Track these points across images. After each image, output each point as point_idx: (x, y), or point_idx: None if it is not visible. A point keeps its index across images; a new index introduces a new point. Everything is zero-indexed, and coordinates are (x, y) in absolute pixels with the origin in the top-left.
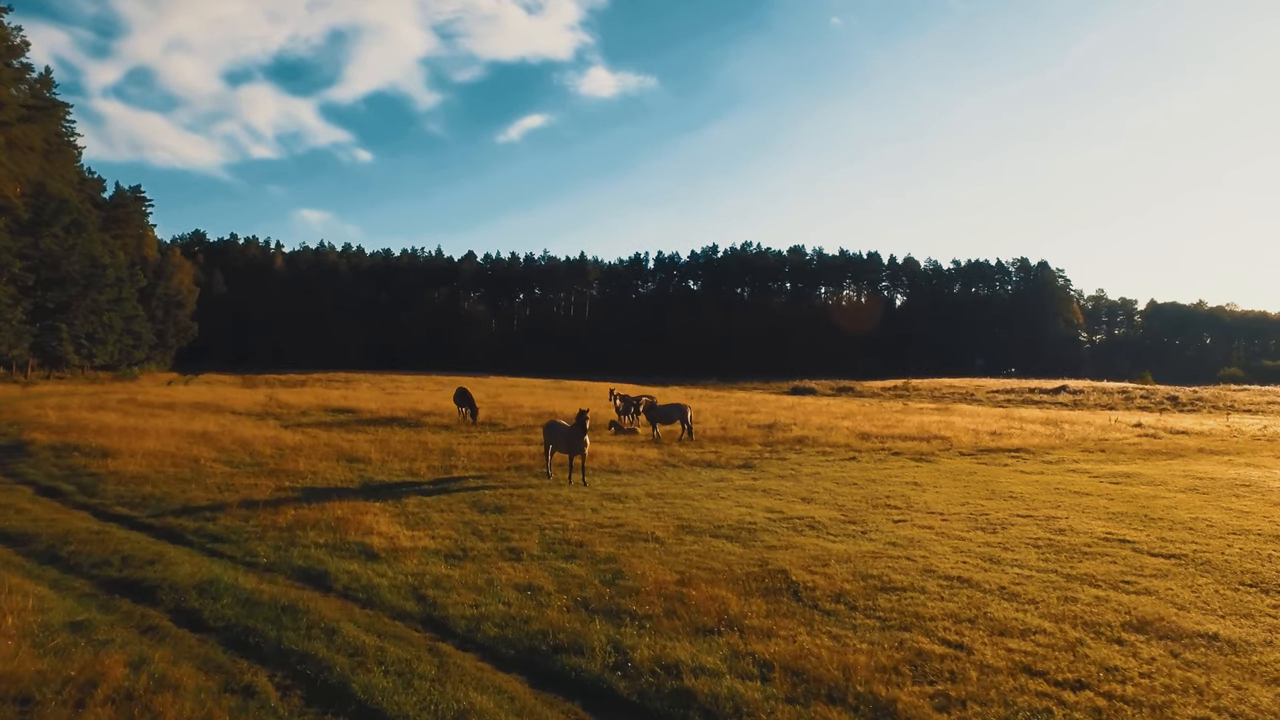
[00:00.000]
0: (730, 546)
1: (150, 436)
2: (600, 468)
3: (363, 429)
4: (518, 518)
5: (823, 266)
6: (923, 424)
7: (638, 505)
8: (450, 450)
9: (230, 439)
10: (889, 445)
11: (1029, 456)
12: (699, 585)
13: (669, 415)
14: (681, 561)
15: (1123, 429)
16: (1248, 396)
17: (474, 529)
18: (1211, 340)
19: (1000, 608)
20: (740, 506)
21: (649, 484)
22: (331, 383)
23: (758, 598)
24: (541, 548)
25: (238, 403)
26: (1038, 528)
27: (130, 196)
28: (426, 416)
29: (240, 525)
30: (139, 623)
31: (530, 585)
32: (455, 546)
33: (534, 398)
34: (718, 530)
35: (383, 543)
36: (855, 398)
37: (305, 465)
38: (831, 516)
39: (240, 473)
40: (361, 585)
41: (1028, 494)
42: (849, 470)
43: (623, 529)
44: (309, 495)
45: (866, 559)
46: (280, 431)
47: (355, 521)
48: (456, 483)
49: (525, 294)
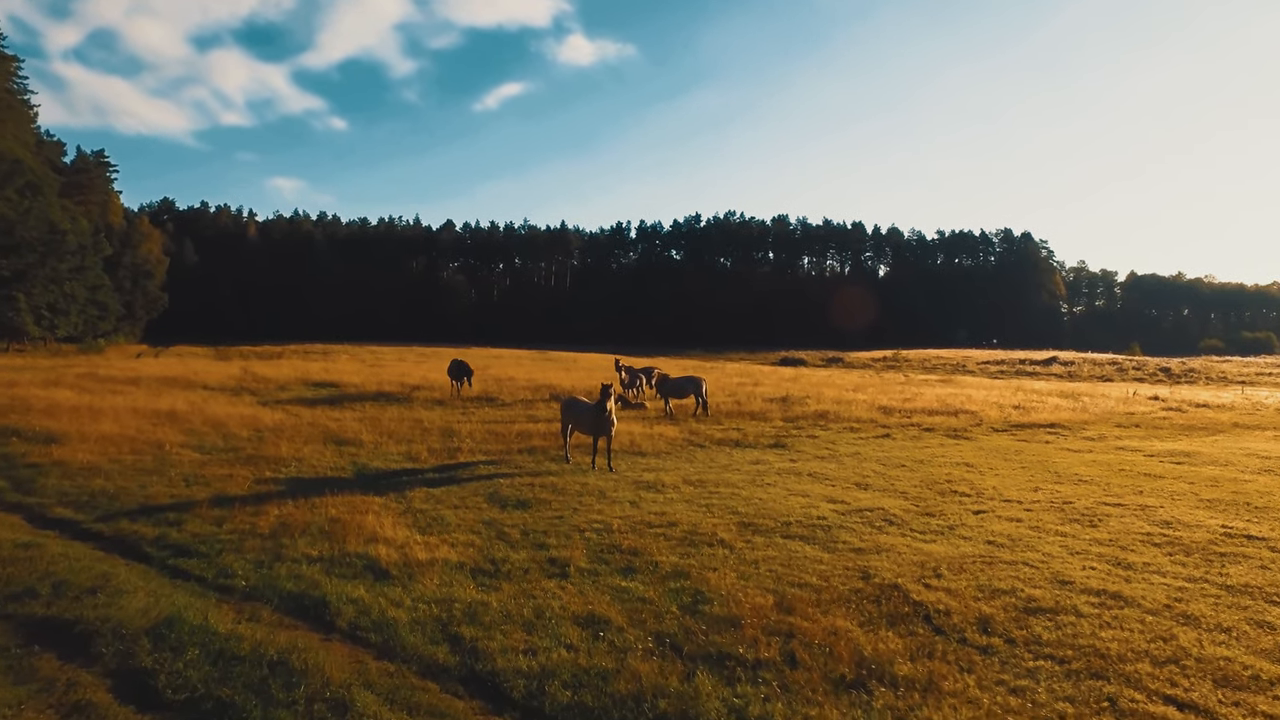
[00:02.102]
0: (811, 551)
1: (107, 417)
2: (621, 449)
3: (349, 405)
4: (548, 515)
5: (807, 236)
6: (940, 397)
7: (680, 496)
8: (450, 430)
9: (201, 419)
10: (915, 420)
11: (1066, 432)
12: (806, 611)
13: (682, 389)
14: (765, 574)
15: (1142, 402)
16: (1235, 368)
17: (499, 532)
18: (1189, 312)
19: (1192, 639)
20: (795, 495)
21: (681, 468)
22: (309, 354)
23: (885, 629)
24: (590, 558)
25: (210, 377)
26: (1138, 520)
27: (93, 161)
28: (416, 391)
29: (212, 531)
30: (62, 699)
31: (593, 617)
32: (482, 558)
33: (523, 369)
34: (786, 528)
35: (392, 554)
36: (846, 369)
37: (288, 450)
38: (903, 507)
39: (212, 461)
40: (373, 621)
41: (1096, 476)
42: (888, 449)
43: (676, 528)
44: (295, 488)
45: (979, 566)
46: (258, 410)
47: (354, 524)
48: (464, 469)
49: (505, 264)
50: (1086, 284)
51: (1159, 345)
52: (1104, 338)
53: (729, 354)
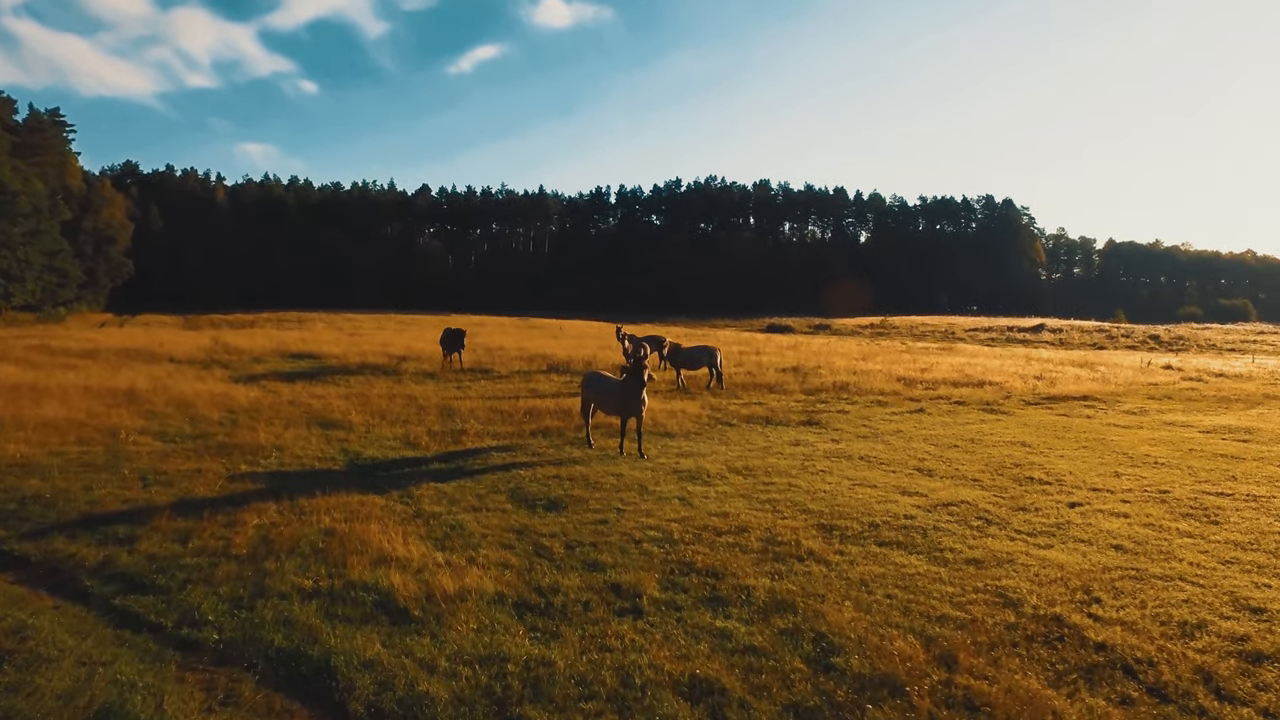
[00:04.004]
0: (920, 564)
1: (53, 398)
2: (645, 430)
3: (332, 380)
4: (589, 518)
5: (788, 202)
6: (955, 367)
7: (732, 489)
8: (449, 408)
9: (165, 399)
10: (941, 393)
11: (1102, 405)
12: (971, 664)
13: (696, 359)
14: (887, 603)
15: (1159, 372)
16: (1219, 335)
17: (536, 544)
18: (1165, 279)
19: None
20: (861, 486)
21: (718, 452)
22: (284, 323)
23: (1085, 690)
24: (661, 582)
25: (178, 348)
26: (1260, 514)
27: (47, 120)
28: (403, 362)
29: (174, 552)
30: None
31: (698, 683)
32: (525, 585)
33: (509, 337)
34: (875, 531)
35: (409, 584)
36: (836, 335)
37: (267, 435)
38: (988, 500)
39: (177, 451)
40: (400, 699)
41: (1169, 458)
42: (930, 426)
43: (748, 535)
44: (278, 486)
45: (1130, 583)
46: (231, 386)
47: (355, 537)
48: (474, 457)
49: (483, 230)
50: (1065, 251)
51: (1137, 313)
52: (1083, 305)
53: (714, 321)
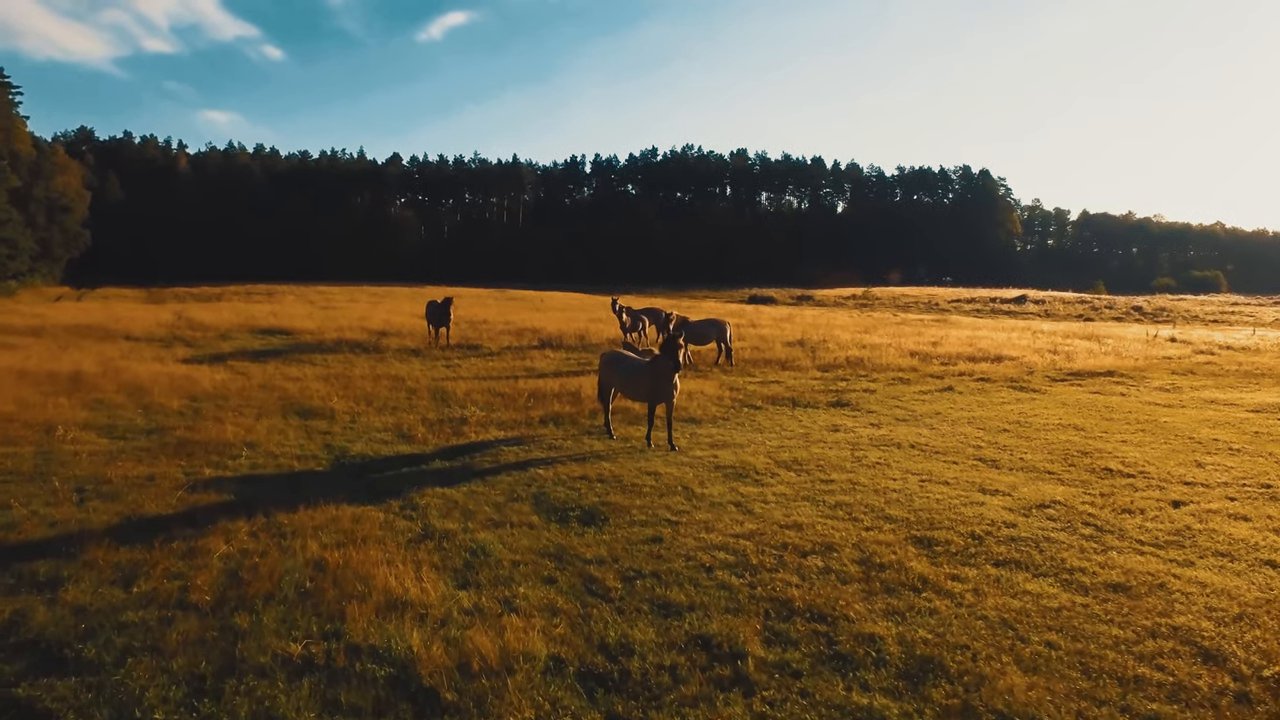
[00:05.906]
0: (1061, 595)
1: None
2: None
3: (307, 359)
4: (638, 535)
5: (766, 171)
6: (964, 340)
7: (789, 489)
8: (442, 391)
9: (116, 384)
10: (960, 369)
11: (1130, 382)
12: None
13: (704, 334)
14: (1049, 656)
15: (1167, 345)
16: (1197, 306)
17: (584, 575)
18: (1138, 250)
19: None
20: (933, 484)
21: (754, 440)
22: (252, 296)
23: None
24: (763, 637)
25: (136, 324)
26: None
27: None
28: (383, 338)
29: (112, 601)
30: None
31: None
32: (584, 641)
33: (491, 310)
34: (981, 545)
35: (434, 648)
36: (819, 307)
37: (235, 428)
38: (1080, 499)
39: (125, 451)
40: None
41: (1240, 443)
42: (967, 407)
43: (837, 554)
44: (249, 497)
45: None
46: (193, 368)
47: (352, 570)
48: (481, 453)
49: (455, 199)
50: (1039, 222)
51: (1111, 284)
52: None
53: (693, 292)
